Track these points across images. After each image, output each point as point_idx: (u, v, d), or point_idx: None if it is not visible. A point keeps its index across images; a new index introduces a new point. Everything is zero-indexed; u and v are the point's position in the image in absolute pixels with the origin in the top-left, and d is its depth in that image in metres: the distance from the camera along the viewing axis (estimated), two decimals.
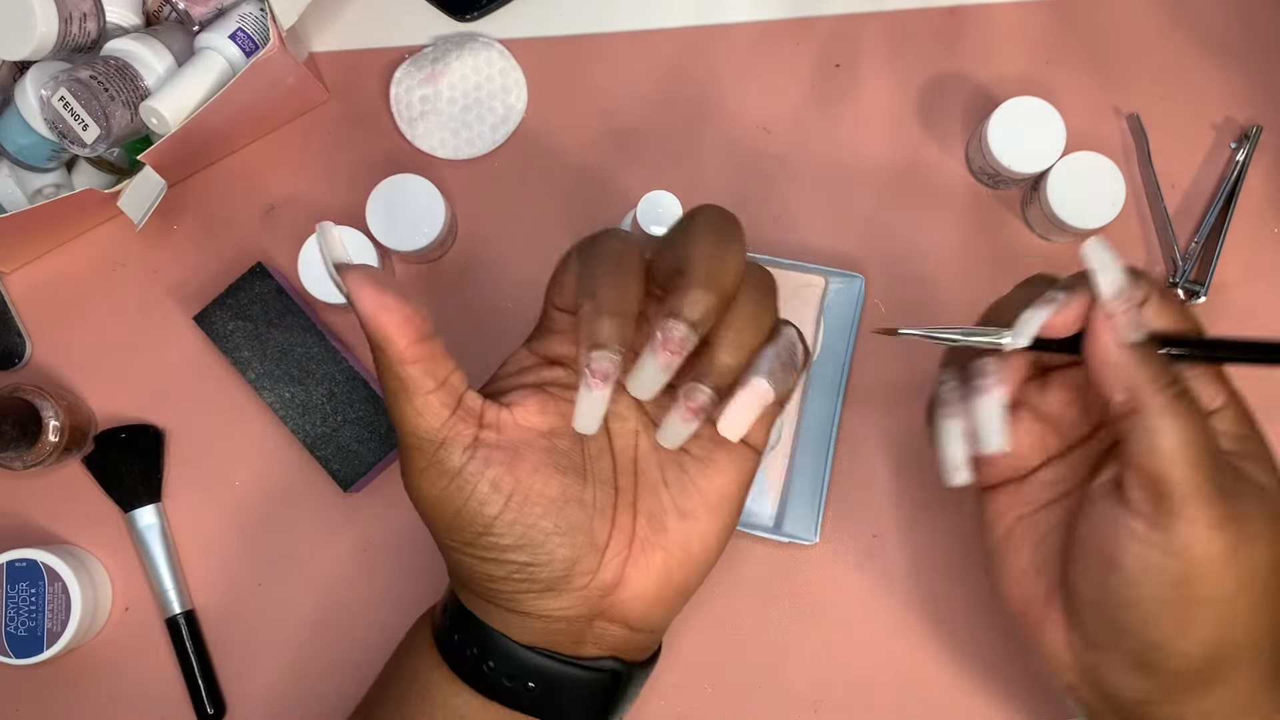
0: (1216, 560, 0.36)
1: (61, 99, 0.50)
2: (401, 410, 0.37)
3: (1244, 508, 0.37)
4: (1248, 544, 0.36)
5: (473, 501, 0.37)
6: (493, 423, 0.38)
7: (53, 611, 0.52)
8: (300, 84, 0.56)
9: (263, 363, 0.55)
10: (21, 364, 0.57)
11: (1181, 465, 0.36)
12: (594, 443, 0.40)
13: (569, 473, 0.38)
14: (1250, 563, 0.37)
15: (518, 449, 0.38)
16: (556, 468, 0.38)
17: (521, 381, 0.40)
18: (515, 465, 0.38)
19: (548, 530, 0.37)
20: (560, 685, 0.40)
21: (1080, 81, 0.59)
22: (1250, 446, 0.39)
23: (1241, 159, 0.57)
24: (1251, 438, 0.39)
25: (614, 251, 0.37)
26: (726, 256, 0.36)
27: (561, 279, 0.39)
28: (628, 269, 0.37)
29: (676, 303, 0.35)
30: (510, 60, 0.59)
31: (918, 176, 0.58)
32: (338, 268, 0.36)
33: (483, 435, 0.38)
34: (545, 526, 0.37)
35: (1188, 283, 0.56)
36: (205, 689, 0.54)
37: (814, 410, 0.55)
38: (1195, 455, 0.36)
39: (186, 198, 0.58)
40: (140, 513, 0.55)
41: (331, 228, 0.37)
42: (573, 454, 0.39)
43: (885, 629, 0.55)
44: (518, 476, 0.37)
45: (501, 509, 0.37)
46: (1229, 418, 0.39)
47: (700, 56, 0.59)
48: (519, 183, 0.58)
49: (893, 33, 0.59)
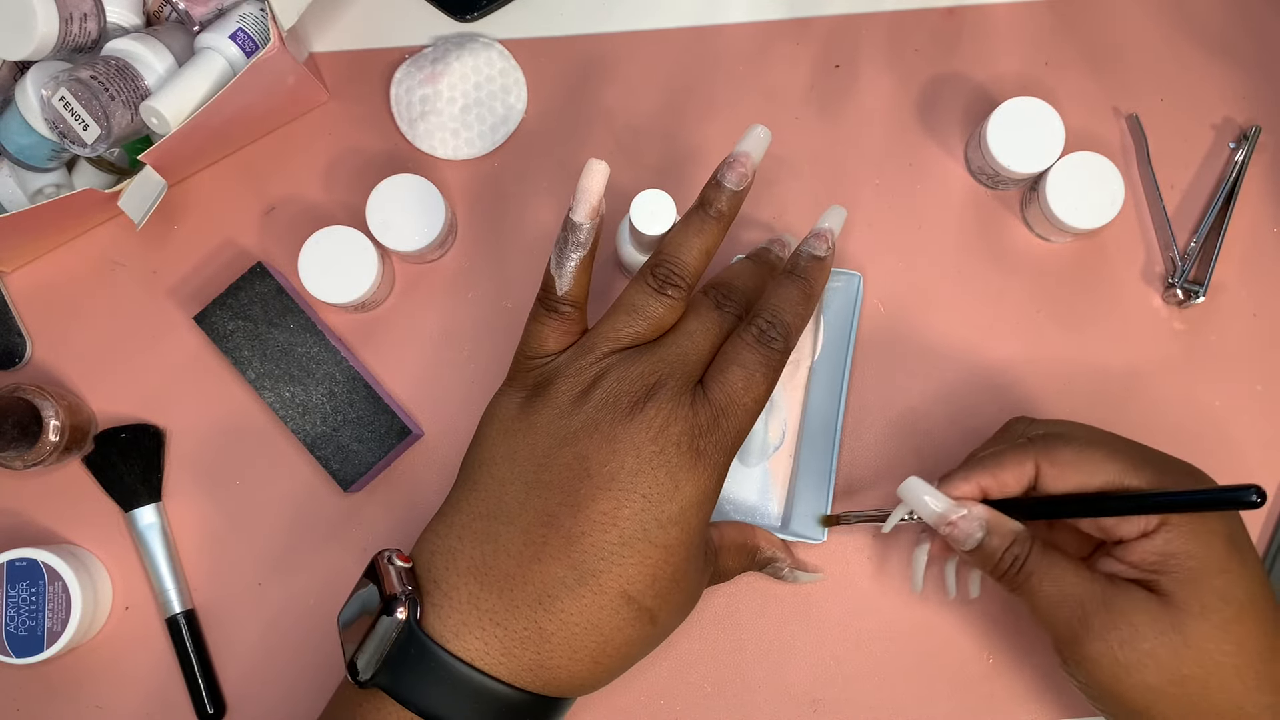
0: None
1: (62, 99, 0.50)
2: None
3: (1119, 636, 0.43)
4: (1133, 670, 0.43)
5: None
6: None
7: (53, 611, 0.52)
8: (300, 84, 0.56)
9: (263, 363, 0.55)
10: (22, 364, 0.57)
11: (1057, 623, 0.44)
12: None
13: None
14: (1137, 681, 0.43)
15: None
16: None
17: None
18: None
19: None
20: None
21: (1079, 82, 0.59)
22: (1174, 563, 0.43)
23: (1240, 159, 0.57)
24: (1178, 555, 0.43)
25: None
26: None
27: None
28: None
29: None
30: (510, 60, 0.59)
31: (917, 177, 0.58)
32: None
33: None
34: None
35: (1187, 283, 0.56)
36: (205, 689, 0.54)
37: (817, 409, 0.55)
38: (1067, 608, 0.44)
39: (186, 198, 0.58)
40: (140, 512, 0.55)
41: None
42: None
43: (885, 628, 0.55)
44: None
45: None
46: (1160, 539, 0.43)
47: (700, 56, 0.59)
48: (519, 183, 0.58)
49: (892, 33, 0.59)
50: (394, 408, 0.55)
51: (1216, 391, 0.56)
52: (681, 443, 0.40)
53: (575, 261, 0.44)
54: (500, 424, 0.43)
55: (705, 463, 0.41)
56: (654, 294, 0.43)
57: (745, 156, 0.45)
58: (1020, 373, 0.56)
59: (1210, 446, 0.56)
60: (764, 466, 0.55)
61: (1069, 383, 0.57)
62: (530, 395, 0.43)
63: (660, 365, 0.42)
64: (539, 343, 0.44)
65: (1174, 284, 0.56)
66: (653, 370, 0.42)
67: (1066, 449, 0.45)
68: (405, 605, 0.39)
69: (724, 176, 0.45)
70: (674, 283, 0.43)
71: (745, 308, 0.45)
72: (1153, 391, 0.56)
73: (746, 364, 0.42)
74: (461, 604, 0.40)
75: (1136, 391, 0.56)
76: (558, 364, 0.43)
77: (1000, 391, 0.56)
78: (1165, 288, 0.57)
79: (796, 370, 0.56)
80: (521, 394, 0.43)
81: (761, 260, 0.49)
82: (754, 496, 0.55)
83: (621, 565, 0.40)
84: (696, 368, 0.42)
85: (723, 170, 0.45)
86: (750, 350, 0.42)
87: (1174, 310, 0.57)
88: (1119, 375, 0.56)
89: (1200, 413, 0.56)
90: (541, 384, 0.43)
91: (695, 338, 0.43)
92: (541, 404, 0.42)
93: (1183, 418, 0.56)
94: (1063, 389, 0.56)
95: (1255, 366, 0.57)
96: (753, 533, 0.50)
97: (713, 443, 0.41)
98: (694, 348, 0.43)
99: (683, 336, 0.43)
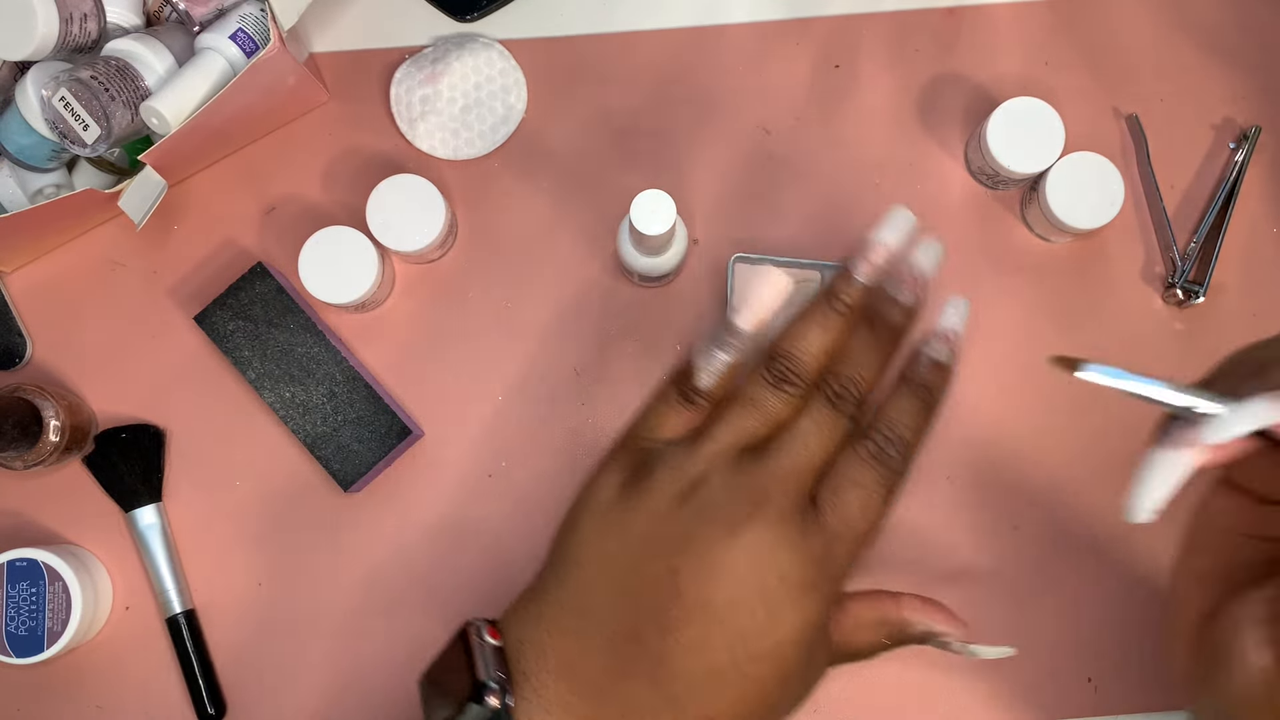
0: None
1: (62, 99, 0.50)
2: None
3: None
4: None
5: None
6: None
7: (53, 611, 0.52)
8: (300, 84, 0.56)
9: (263, 363, 0.55)
10: (22, 364, 0.57)
11: None
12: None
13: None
14: None
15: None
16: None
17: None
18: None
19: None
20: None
21: (1079, 82, 0.59)
22: None
23: (1240, 159, 0.57)
24: None
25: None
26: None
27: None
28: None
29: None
30: (510, 60, 0.59)
31: (917, 177, 0.58)
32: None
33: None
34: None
35: (1187, 283, 0.56)
36: (205, 689, 0.54)
37: None
38: None
39: (186, 198, 0.58)
40: (141, 512, 0.55)
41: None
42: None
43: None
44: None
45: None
46: None
47: (700, 56, 0.59)
48: (519, 183, 0.58)
49: (892, 33, 0.59)
50: (394, 408, 0.55)
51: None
52: (787, 575, 0.37)
53: (723, 363, 0.40)
54: (596, 513, 0.40)
55: (812, 595, 0.37)
56: (770, 389, 0.40)
57: (879, 246, 0.41)
58: (1020, 373, 0.56)
59: None
60: None
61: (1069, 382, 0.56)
62: (630, 479, 0.40)
63: (768, 479, 0.38)
64: (657, 424, 0.41)
65: (1174, 284, 0.56)
66: (760, 484, 0.38)
67: None
68: (497, 695, 0.37)
69: (854, 267, 0.41)
70: (790, 380, 0.40)
71: (862, 402, 0.41)
72: None
73: (864, 483, 0.38)
74: (552, 706, 0.38)
75: None
76: (665, 451, 0.40)
77: (1000, 391, 0.56)
78: (1165, 288, 0.57)
79: None
80: (622, 475, 0.40)
81: (882, 326, 0.42)
82: None
83: (708, 695, 0.37)
84: (808, 482, 0.39)
85: (855, 260, 0.41)
86: (867, 468, 0.39)
87: (1174, 310, 0.57)
88: None
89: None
90: (644, 468, 0.40)
91: (809, 443, 0.39)
92: (639, 499, 0.39)
93: None
94: (1062, 389, 0.56)
95: None
96: (895, 604, 0.42)
97: (823, 574, 0.37)
98: (806, 458, 0.39)
99: (795, 442, 0.39)
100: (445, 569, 0.56)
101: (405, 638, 0.55)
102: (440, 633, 0.55)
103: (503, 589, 0.55)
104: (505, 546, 0.56)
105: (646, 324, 0.57)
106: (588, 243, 0.58)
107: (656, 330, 0.57)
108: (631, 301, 0.57)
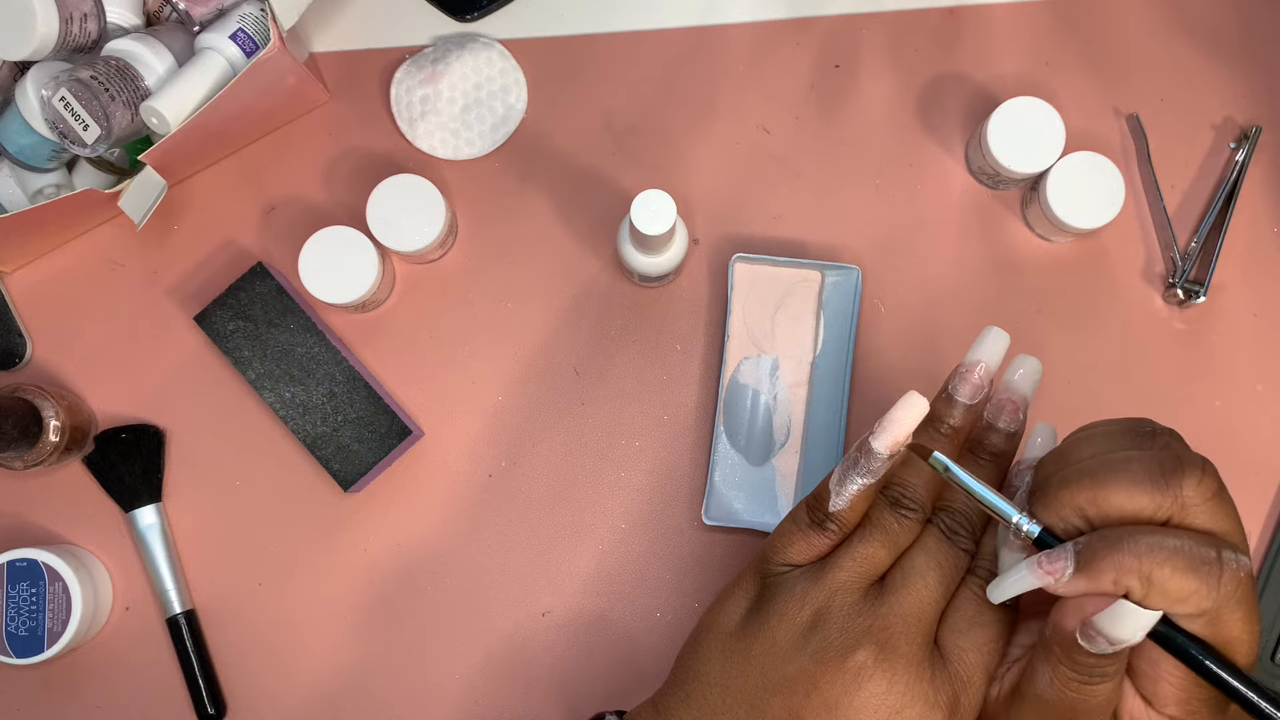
0: None
1: (62, 99, 0.50)
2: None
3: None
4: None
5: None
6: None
7: (53, 611, 0.52)
8: (300, 84, 0.56)
9: (263, 363, 0.55)
10: (22, 364, 0.57)
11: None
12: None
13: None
14: None
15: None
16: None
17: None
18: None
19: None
20: None
21: (1079, 81, 0.59)
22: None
23: (1241, 159, 0.57)
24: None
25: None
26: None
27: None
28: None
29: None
30: (510, 60, 0.59)
31: (917, 177, 0.58)
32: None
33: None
34: None
35: (1187, 283, 0.56)
36: (205, 689, 0.54)
37: (820, 406, 0.55)
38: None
39: (186, 198, 0.58)
40: (141, 512, 0.55)
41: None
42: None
43: None
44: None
45: None
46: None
47: (700, 56, 0.59)
48: (519, 183, 0.58)
49: (892, 33, 0.59)
50: (394, 408, 0.55)
51: (1217, 391, 0.56)
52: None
53: (859, 487, 0.39)
54: (719, 639, 0.40)
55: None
56: (890, 511, 0.40)
57: (977, 366, 0.41)
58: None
59: (1210, 447, 0.56)
60: (771, 464, 0.55)
61: (1069, 383, 0.57)
62: (755, 605, 0.40)
63: (892, 621, 0.37)
64: (785, 547, 0.40)
65: (1174, 284, 0.56)
66: (882, 627, 0.37)
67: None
68: None
69: (955, 389, 0.41)
70: (907, 505, 0.40)
71: (976, 535, 0.40)
72: (1153, 391, 0.56)
73: (985, 623, 0.38)
74: None
75: (1136, 391, 0.56)
76: (790, 578, 0.39)
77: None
78: (1165, 288, 0.57)
79: (798, 367, 0.56)
80: (748, 600, 0.40)
81: (985, 453, 0.42)
82: (764, 496, 0.55)
83: None
84: (931, 624, 0.38)
85: (954, 381, 0.41)
86: (987, 606, 0.38)
87: (1174, 310, 0.57)
88: (1119, 375, 0.56)
89: (1200, 412, 0.56)
90: (768, 593, 0.40)
91: (929, 580, 0.38)
92: (761, 631, 0.39)
93: (1183, 418, 0.56)
94: (1063, 389, 0.56)
95: (1255, 366, 0.57)
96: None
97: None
98: (929, 596, 0.38)
99: (916, 579, 0.38)
100: (446, 569, 0.56)
101: (405, 638, 0.55)
102: (440, 634, 0.55)
103: (503, 589, 0.55)
104: (506, 546, 0.56)
105: (646, 324, 0.57)
106: (588, 243, 0.58)
107: (656, 330, 0.57)
108: (631, 301, 0.57)
